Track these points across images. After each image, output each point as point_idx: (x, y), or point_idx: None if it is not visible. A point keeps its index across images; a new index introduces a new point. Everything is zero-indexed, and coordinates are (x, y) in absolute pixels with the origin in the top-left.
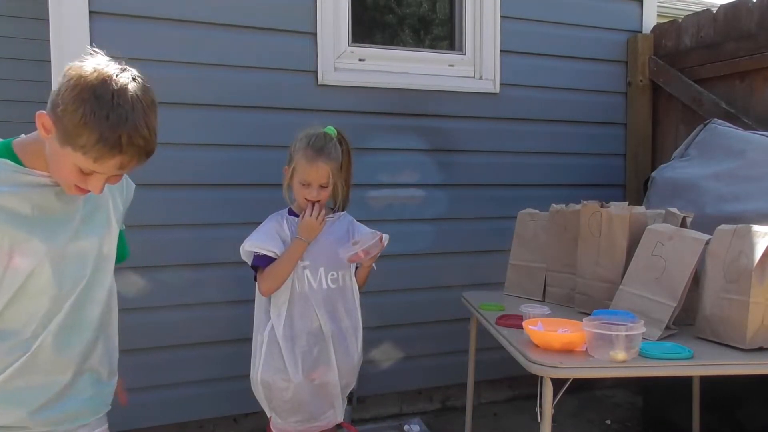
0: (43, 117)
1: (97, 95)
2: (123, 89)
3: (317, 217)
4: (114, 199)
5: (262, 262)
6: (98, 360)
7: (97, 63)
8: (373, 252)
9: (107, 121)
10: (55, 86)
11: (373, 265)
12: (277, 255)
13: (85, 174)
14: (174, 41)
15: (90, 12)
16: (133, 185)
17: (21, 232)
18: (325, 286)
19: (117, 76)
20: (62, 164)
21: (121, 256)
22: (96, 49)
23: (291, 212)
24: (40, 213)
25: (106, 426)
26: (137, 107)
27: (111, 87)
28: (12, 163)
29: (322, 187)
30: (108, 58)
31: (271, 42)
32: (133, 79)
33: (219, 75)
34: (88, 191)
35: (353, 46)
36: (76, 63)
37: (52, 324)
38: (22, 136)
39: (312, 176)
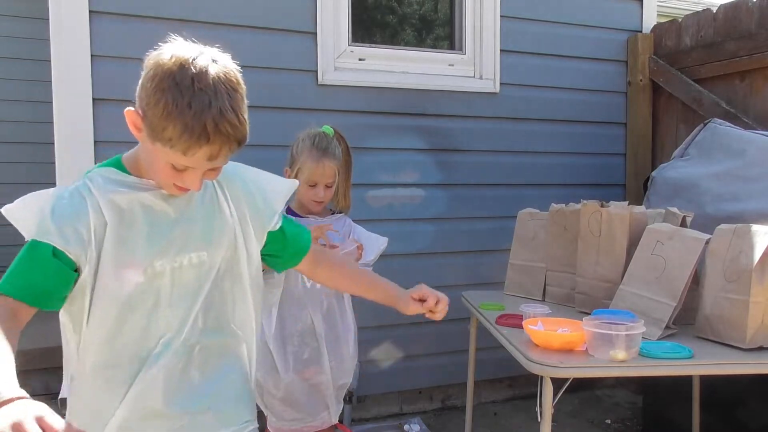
0: (130, 114)
1: (176, 82)
2: (203, 73)
3: None
4: (230, 203)
5: None
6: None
7: (174, 48)
8: None
9: (190, 109)
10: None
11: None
12: None
13: (178, 170)
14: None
15: (90, 11)
16: (277, 186)
17: (129, 235)
18: (319, 285)
19: (195, 59)
20: (156, 162)
21: (292, 256)
22: (175, 36)
23: (290, 210)
24: (147, 217)
25: None
26: (220, 91)
27: (190, 72)
28: (117, 171)
29: (327, 186)
30: (186, 42)
31: (271, 41)
32: (214, 60)
33: None
34: (188, 190)
35: (353, 45)
36: (154, 52)
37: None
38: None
39: (319, 176)
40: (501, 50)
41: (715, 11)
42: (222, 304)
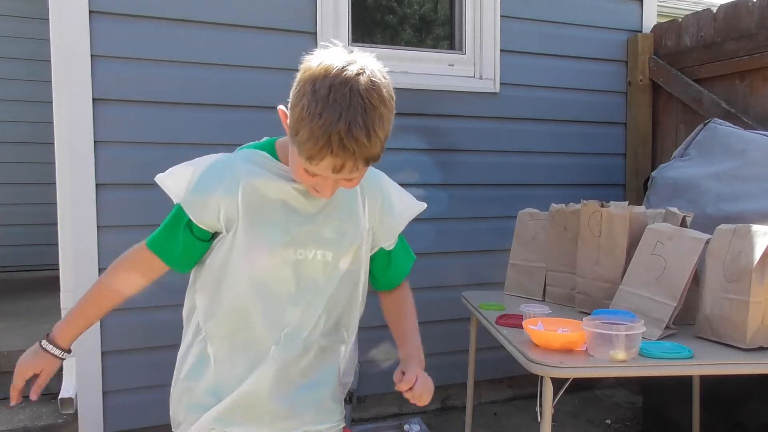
0: (281, 111)
1: (315, 89)
2: (344, 83)
3: None
4: (366, 211)
5: None
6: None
7: (325, 54)
8: None
9: (320, 118)
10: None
11: None
12: None
13: (310, 175)
14: (174, 41)
15: (90, 11)
16: (402, 203)
17: (262, 218)
18: None
19: (340, 68)
20: (293, 162)
21: (386, 283)
22: (335, 41)
23: None
24: (284, 207)
25: None
26: (356, 105)
27: (330, 81)
28: (268, 156)
29: None
30: (344, 50)
31: (271, 41)
32: (361, 72)
33: (219, 74)
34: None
35: (353, 45)
36: (310, 55)
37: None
38: None
39: None
40: (501, 50)
41: (715, 11)
42: (339, 307)
